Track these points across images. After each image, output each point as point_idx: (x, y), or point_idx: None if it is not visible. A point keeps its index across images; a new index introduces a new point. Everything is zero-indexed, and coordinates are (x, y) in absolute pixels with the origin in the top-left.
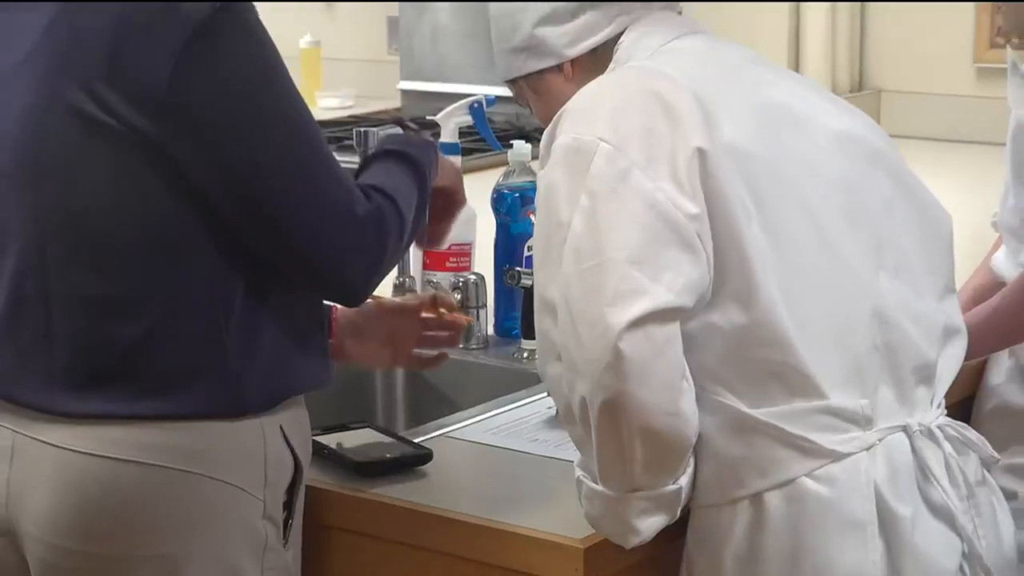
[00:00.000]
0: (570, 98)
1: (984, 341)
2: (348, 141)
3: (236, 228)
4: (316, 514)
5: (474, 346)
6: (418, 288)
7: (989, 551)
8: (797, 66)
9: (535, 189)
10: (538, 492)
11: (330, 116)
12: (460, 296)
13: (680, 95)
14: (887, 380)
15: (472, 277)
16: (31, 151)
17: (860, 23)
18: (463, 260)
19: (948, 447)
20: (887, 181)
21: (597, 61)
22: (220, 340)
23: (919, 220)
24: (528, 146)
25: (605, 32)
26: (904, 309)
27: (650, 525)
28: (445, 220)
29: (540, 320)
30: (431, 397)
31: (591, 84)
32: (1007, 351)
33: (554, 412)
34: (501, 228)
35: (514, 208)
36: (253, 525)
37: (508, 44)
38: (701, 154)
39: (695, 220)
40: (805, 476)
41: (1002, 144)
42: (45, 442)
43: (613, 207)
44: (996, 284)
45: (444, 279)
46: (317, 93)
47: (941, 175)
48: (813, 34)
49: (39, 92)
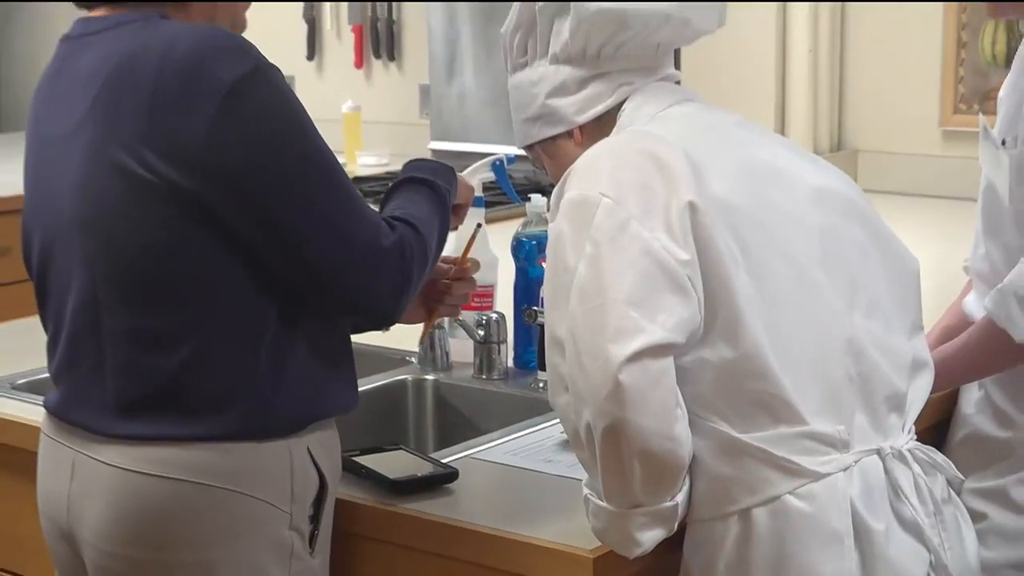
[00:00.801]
0: (578, 159)
1: (952, 374)
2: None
3: (272, 267)
4: (354, 526)
5: (496, 377)
6: (445, 326)
7: (954, 562)
8: (783, 128)
9: None
10: (552, 507)
11: (368, 172)
12: (483, 332)
13: (673, 155)
14: (862, 408)
15: (494, 315)
16: (84, 205)
17: (839, 91)
18: (486, 300)
19: (917, 468)
20: (860, 230)
21: (603, 126)
22: (251, 370)
23: (889, 264)
24: (544, 199)
25: (609, 101)
26: (876, 344)
27: (650, 538)
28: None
29: (550, 355)
30: (457, 422)
31: (595, 146)
32: (977, 384)
33: (565, 437)
34: (520, 272)
35: (532, 254)
36: (280, 535)
37: (524, 114)
38: (692, 207)
39: (687, 266)
40: (789, 494)
41: (964, 199)
42: (99, 461)
43: (614, 254)
44: (964, 324)
45: (469, 317)
46: (357, 152)
47: (910, 225)
48: (797, 100)
49: (90, 154)
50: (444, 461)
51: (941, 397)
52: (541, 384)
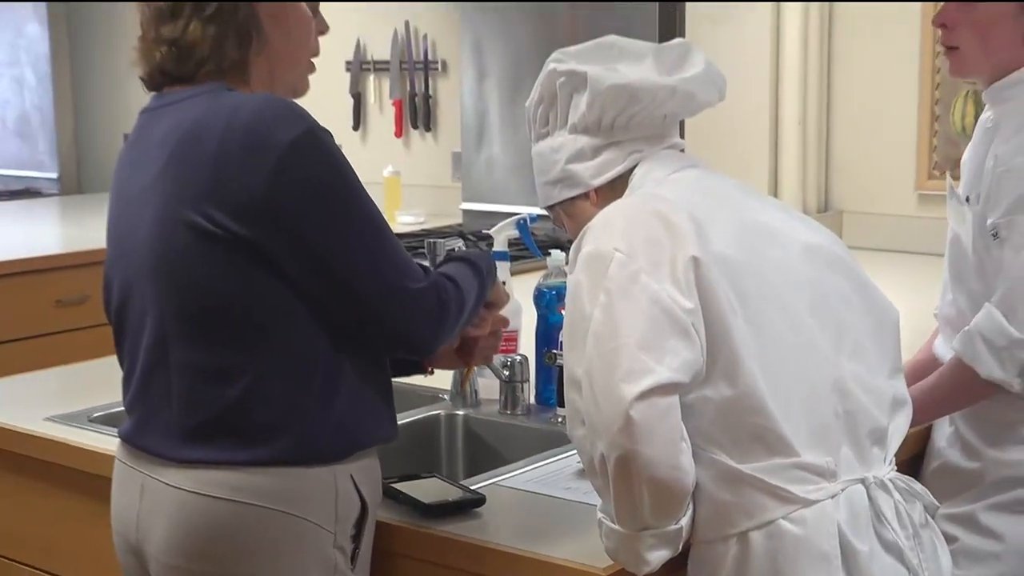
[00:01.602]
0: (594, 218)
1: (926, 411)
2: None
3: (324, 304)
4: (392, 546)
5: (519, 413)
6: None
7: None
8: (776, 190)
9: None
10: (569, 530)
11: (406, 230)
12: (508, 372)
13: (678, 214)
14: (847, 441)
15: (518, 357)
16: (157, 255)
17: (826, 158)
18: (511, 344)
19: (898, 496)
20: (845, 282)
21: (616, 188)
22: (302, 403)
23: (871, 313)
24: (563, 254)
25: (621, 166)
26: (860, 384)
27: (658, 557)
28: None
29: (568, 392)
30: (485, 452)
31: (609, 207)
32: (948, 420)
33: (581, 467)
34: (541, 319)
35: (552, 303)
36: (325, 552)
37: (546, 177)
38: (695, 261)
39: (690, 313)
40: (782, 518)
41: (938, 254)
42: (165, 483)
43: (625, 303)
44: (932, 361)
45: (496, 359)
46: (396, 212)
47: (890, 278)
48: (788, 166)
49: (161, 210)
50: (473, 488)
51: (916, 432)
52: (560, 419)
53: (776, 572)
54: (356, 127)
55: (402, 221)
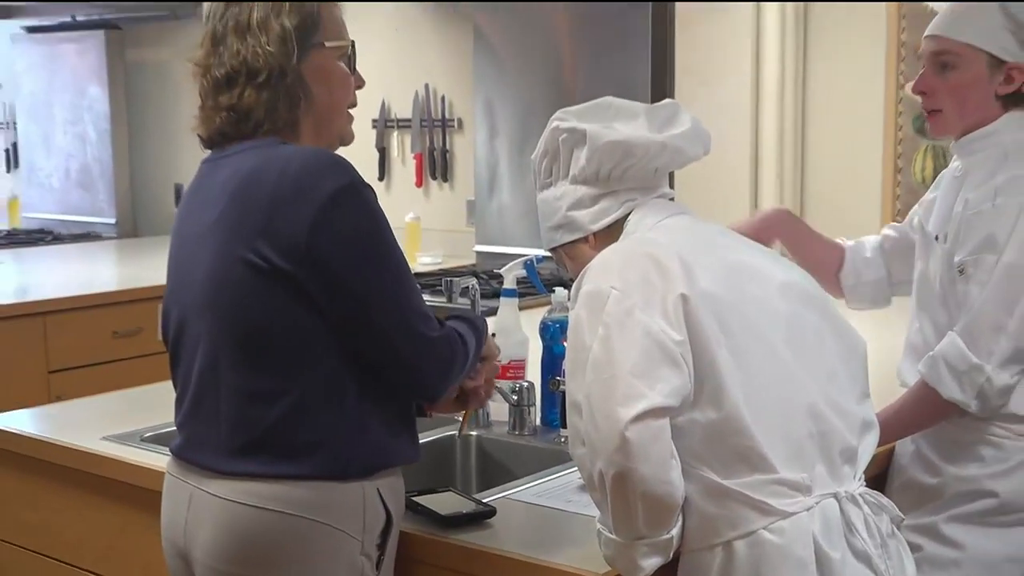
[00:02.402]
0: (593, 260)
1: (893, 430)
2: (438, 287)
3: (352, 339)
4: (412, 553)
5: (526, 433)
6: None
7: None
8: None
9: None
10: (570, 539)
11: (425, 270)
12: (516, 397)
13: (669, 256)
14: (821, 460)
15: (525, 384)
16: (212, 289)
17: (800, 205)
18: (519, 372)
19: (867, 509)
20: (817, 316)
21: (612, 233)
22: (336, 424)
23: (841, 343)
24: (565, 292)
25: (617, 213)
26: (833, 409)
27: (651, 564)
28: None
29: (570, 415)
30: (495, 469)
31: (606, 250)
32: (910, 440)
33: (582, 482)
34: (546, 349)
35: (556, 335)
36: (353, 558)
37: (549, 223)
38: (684, 298)
39: (680, 345)
40: (763, 529)
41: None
42: (210, 493)
43: (621, 335)
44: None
45: (505, 385)
46: (417, 253)
47: (855, 312)
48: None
49: (218, 249)
50: (485, 501)
51: (882, 451)
52: (563, 439)
53: None
54: (381, 178)
55: (422, 261)
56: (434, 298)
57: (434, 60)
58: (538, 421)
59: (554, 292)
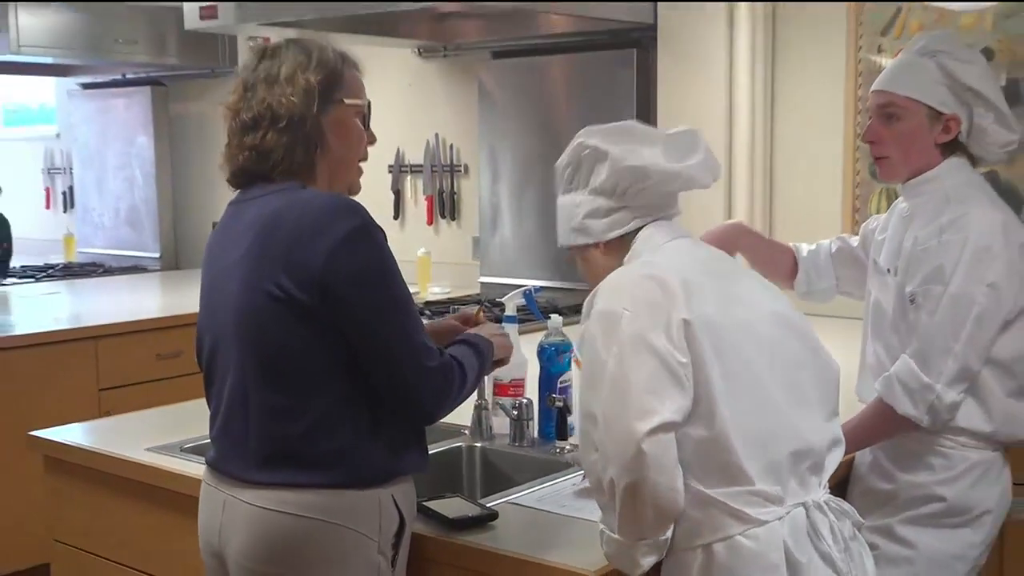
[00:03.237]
0: (602, 266)
1: (852, 443)
2: (446, 314)
3: (362, 362)
4: (423, 553)
5: (526, 444)
6: (489, 407)
7: None
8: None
9: (567, 346)
10: (566, 540)
11: (435, 298)
12: (516, 412)
13: (674, 282)
14: (793, 474)
15: (525, 400)
16: (240, 315)
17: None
18: (519, 389)
19: (832, 516)
20: (798, 343)
21: (622, 245)
22: (353, 438)
23: (817, 367)
24: (560, 318)
25: (628, 227)
26: (806, 427)
27: (649, 562)
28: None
29: (584, 424)
30: (498, 476)
31: (618, 271)
32: (869, 451)
33: (579, 488)
34: (543, 369)
35: (552, 356)
36: (371, 557)
37: (567, 225)
38: (686, 323)
39: (684, 366)
40: (739, 534)
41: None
42: (242, 500)
43: (635, 356)
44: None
45: (506, 401)
46: (428, 284)
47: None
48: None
49: (245, 280)
50: (488, 505)
51: (844, 461)
52: (558, 449)
53: None
54: (396, 217)
55: (432, 291)
56: None
57: (443, 112)
58: (536, 434)
59: (550, 319)
